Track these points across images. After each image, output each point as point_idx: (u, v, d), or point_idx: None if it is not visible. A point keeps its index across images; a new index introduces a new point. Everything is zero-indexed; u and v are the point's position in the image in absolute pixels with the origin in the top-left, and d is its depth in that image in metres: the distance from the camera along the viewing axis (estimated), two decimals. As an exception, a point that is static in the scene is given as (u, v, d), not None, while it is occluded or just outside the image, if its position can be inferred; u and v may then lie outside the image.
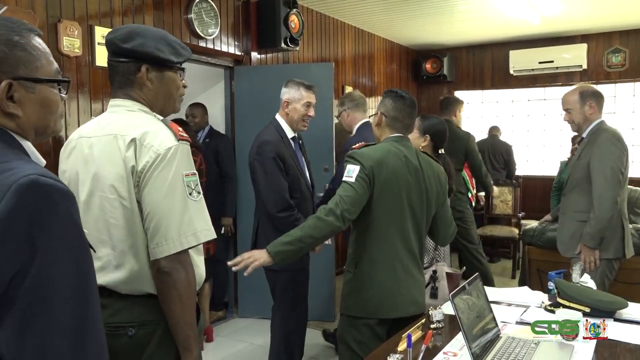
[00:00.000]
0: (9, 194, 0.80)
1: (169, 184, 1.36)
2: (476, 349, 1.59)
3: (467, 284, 1.75)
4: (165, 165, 1.36)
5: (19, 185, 0.81)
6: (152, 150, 1.37)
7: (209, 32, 4.08)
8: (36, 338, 0.80)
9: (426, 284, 2.34)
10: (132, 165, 1.37)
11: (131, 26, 1.53)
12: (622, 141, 2.82)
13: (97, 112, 3.28)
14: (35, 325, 0.80)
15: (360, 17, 5.58)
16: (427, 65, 7.09)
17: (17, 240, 0.80)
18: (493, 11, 5.35)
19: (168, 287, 1.37)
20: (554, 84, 6.75)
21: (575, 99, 2.98)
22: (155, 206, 1.35)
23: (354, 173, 2.03)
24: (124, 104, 1.49)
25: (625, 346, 1.74)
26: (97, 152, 1.43)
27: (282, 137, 2.88)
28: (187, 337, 1.41)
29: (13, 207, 0.80)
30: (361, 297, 2.10)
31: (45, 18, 3.00)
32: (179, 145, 1.40)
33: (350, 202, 2.01)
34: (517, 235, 5.69)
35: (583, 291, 2.06)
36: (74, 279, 0.85)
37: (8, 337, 0.79)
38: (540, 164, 6.96)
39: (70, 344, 0.83)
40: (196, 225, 1.38)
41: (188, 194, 1.38)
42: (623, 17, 5.73)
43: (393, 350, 1.67)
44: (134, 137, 1.38)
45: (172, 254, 1.35)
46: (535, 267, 3.29)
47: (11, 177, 0.81)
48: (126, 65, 1.47)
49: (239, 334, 4.10)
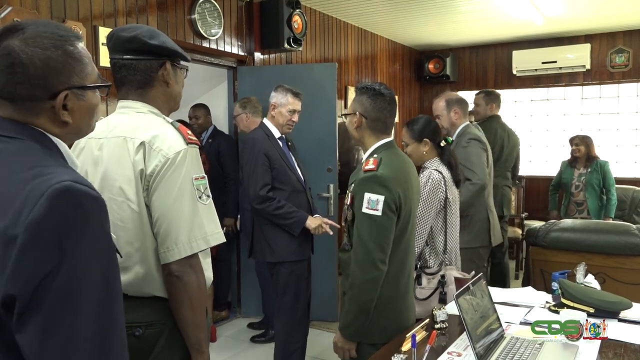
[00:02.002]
0: (42, 199, 0.82)
1: (179, 187, 1.36)
2: (480, 349, 1.59)
3: (471, 284, 1.75)
4: (175, 169, 1.36)
5: (53, 190, 0.83)
6: (162, 154, 1.36)
7: (212, 32, 4.08)
8: (59, 341, 0.82)
9: (434, 289, 2.32)
10: (140, 169, 1.36)
11: (143, 25, 1.53)
12: (482, 141, 3.27)
13: (102, 112, 3.29)
14: (59, 329, 0.82)
15: (363, 17, 5.58)
16: (430, 65, 7.09)
17: (47, 245, 0.81)
18: (496, 11, 5.34)
19: (179, 290, 1.37)
20: (557, 85, 6.74)
21: (442, 106, 3.30)
22: (165, 210, 1.35)
23: (379, 205, 1.82)
24: (134, 106, 1.49)
25: (629, 347, 1.74)
26: (106, 153, 1.43)
27: (267, 136, 3.06)
28: (198, 339, 1.42)
29: (46, 212, 0.81)
30: (381, 323, 1.92)
31: (49, 18, 3.01)
32: (188, 149, 1.39)
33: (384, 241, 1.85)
34: (521, 235, 5.68)
35: (587, 291, 2.06)
36: (100, 286, 0.86)
37: (31, 339, 0.81)
38: (543, 164, 6.95)
39: (94, 347, 0.85)
40: (206, 228, 1.38)
41: (198, 197, 1.38)
42: (627, 17, 5.72)
43: (397, 350, 1.67)
44: (143, 141, 1.38)
45: (183, 257, 1.35)
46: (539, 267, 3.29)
47: (46, 182, 0.84)
48: (150, 62, 1.46)
49: (242, 334, 4.10)
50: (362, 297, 1.85)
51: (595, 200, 4.96)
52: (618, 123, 6.51)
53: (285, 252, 2.95)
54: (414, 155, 2.50)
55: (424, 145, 2.49)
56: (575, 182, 5.08)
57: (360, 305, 1.86)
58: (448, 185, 2.46)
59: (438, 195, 2.41)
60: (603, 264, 3.02)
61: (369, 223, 1.83)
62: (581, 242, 3.13)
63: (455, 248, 2.50)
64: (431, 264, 2.40)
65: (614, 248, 3.04)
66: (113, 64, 1.49)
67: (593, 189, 4.95)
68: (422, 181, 2.41)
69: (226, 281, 4.42)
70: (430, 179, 2.42)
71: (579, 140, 5.12)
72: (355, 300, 1.86)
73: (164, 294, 1.42)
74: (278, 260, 2.96)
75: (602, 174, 4.94)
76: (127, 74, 1.47)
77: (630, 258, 3.00)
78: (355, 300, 1.86)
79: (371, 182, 1.85)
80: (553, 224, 3.39)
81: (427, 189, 2.40)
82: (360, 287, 1.85)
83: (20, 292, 0.80)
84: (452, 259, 2.46)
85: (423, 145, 2.49)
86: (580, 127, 6.64)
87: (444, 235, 2.44)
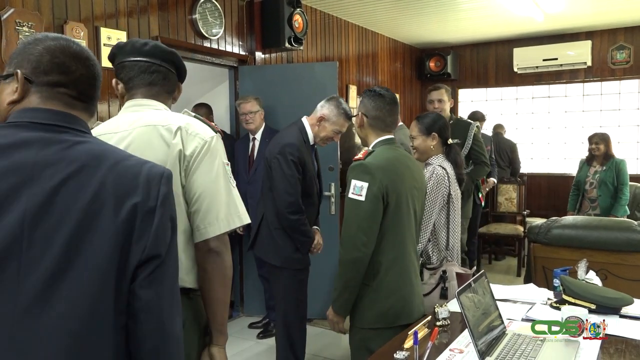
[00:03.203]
0: (164, 179, 1.03)
1: (216, 169, 1.45)
2: (482, 345, 1.60)
3: (473, 281, 1.76)
4: (212, 152, 1.46)
5: (168, 173, 1.04)
6: (199, 137, 1.45)
7: (214, 32, 4.09)
8: (174, 295, 1.04)
9: (436, 285, 2.34)
10: (179, 150, 1.42)
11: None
12: None
13: (103, 113, 3.30)
14: (174, 281, 1.04)
15: (364, 16, 5.58)
16: (431, 63, 7.08)
17: (170, 215, 1.03)
18: (497, 9, 5.34)
19: (216, 266, 1.44)
20: (559, 82, 6.74)
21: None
22: (207, 188, 1.43)
23: (363, 190, 1.97)
24: (151, 104, 1.54)
25: (631, 342, 1.75)
26: (130, 142, 1.45)
27: (304, 142, 2.94)
28: (223, 319, 1.48)
29: (169, 191, 1.03)
30: (382, 308, 2.04)
31: (51, 19, 3.02)
32: (217, 136, 1.51)
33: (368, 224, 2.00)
34: (522, 232, 5.69)
35: (589, 288, 2.07)
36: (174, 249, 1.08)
37: (159, 292, 1.00)
38: (544, 162, 6.96)
39: (176, 292, 1.06)
40: (238, 208, 1.48)
41: (230, 179, 1.49)
42: (627, 14, 5.71)
43: (399, 347, 1.68)
44: (180, 126, 1.45)
45: (222, 233, 1.43)
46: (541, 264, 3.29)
47: (158, 167, 1.05)
48: (173, 76, 1.59)
49: (245, 333, 4.12)
50: (345, 275, 2.02)
51: (607, 198, 4.91)
52: (619, 120, 6.51)
53: (292, 259, 2.95)
54: (420, 148, 2.53)
55: (431, 140, 2.51)
56: (590, 179, 5.06)
57: (344, 282, 2.03)
58: (451, 182, 2.47)
59: (441, 190, 2.42)
60: (605, 260, 3.02)
61: (353, 207, 1.99)
62: (583, 239, 3.14)
63: (457, 245, 2.51)
64: (434, 260, 2.41)
65: (615, 245, 3.04)
66: (147, 65, 1.54)
67: (606, 187, 4.92)
68: (426, 176, 2.42)
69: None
70: (434, 174, 2.43)
71: (598, 138, 5.03)
72: (340, 277, 2.04)
73: (187, 282, 1.44)
74: (284, 266, 2.97)
75: (616, 171, 4.89)
76: (156, 79, 1.56)
77: (632, 254, 3.00)
78: (341, 277, 2.03)
79: (357, 169, 2.01)
80: (554, 220, 3.39)
81: (431, 184, 2.41)
82: (344, 266, 2.01)
83: (160, 252, 0.99)
84: (454, 255, 2.46)
85: (431, 139, 2.51)
86: (581, 124, 6.65)
87: (447, 231, 2.45)
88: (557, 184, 6.70)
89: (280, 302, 3.01)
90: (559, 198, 6.47)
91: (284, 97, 4.26)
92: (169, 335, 1.02)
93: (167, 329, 1.01)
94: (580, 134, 6.54)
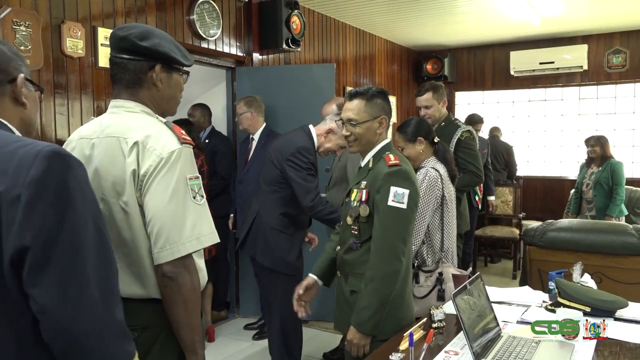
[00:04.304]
0: (37, 159, 0.92)
1: (173, 188, 1.34)
2: (477, 348, 1.60)
3: (469, 283, 1.76)
4: (169, 169, 1.34)
5: (46, 151, 0.93)
6: (155, 154, 1.34)
7: (211, 33, 4.09)
8: (75, 289, 0.93)
9: (432, 287, 2.34)
10: (133, 169, 1.34)
11: (142, 25, 1.50)
12: None
13: (100, 113, 3.30)
14: (74, 278, 0.93)
15: (362, 18, 5.59)
16: (428, 66, 7.10)
17: (49, 199, 0.91)
18: (494, 12, 5.36)
19: (172, 291, 1.35)
20: (555, 85, 6.76)
21: (331, 109, 3.40)
22: (159, 211, 1.33)
23: (405, 198, 1.87)
24: (126, 105, 1.47)
25: (625, 345, 1.75)
26: (98, 153, 1.41)
27: (313, 147, 3.00)
28: (192, 341, 1.40)
29: (44, 170, 0.91)
30: (396, 317, 1.94)
31: (48, 19, 3.02)
32: (182, 149, 1.38)
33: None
34: (518, 235, 5.70)
35: (583, 291, 2.07)
36: (96, 236, 0.98)
37: (50, 290, 0.91)
38: (540, 165, 6.98)
39: (102, 292, 0.96)
40: (200, 229, 1.36)
41: (192, 197, 1.36)
42: (624, 18, 5.74)
43: (395, 349, 1.68)
44: (137, 141, 1.35)
45: (177, 258, 1.33)
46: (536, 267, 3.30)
47: (36, 147, 0.94)
48: (139, 64, 1.44)
49: (240, 334, 4.11)
50: (384, 290, 1.85)
51: (603, 199, 4.94)
52: (615, 123, 6.54)
53: (283, 262, 2.94)
54: (411, 156, 2.52)
55: (419, 145, 2.52)
56: (587, 181, 5.09)
57: (382, 298, 1.85)
58: (445, 182, 2.47)
59: (435, 192, 2.43)
60: (600, 263, 3.03)
61: (395, 216, 1.86)
62: (578, 242, 3.15)
63: (452, 247, 2.51)
64: (429, 262, 2.41)
65: (610, 248, 3.06)
66: (109, 61, 1.49)
67: (601, 187, 4.94)
68: (419, 179, 2.43)
69: (225, 281, 4.43)
70: (427, 177, 2.44)
71: (594, 141, 5.07)
72: (377, 294, 1.84)
73: (159, 295, 1.40)
74: (274, 268, 2.96)
75: (611, 172, 4.90)
76: (117, 71, 1.46)
77: (626, 258, 3.01)
78: (377, 293, 1.84)
79: (396, 176, 1.89)
80: (550, 223, 3.40)
81: (424, 186, 2.41)
82: (383, 280, 1.85)
83: (33, 244, 0.89)
84: (449, 257, 2.47)
85: (418, 144, 2.52)
86: (577, 128, 6.67)
87: (441, 233, 2.45)
88: (553, 187, 6.73)
89: (277, 307, 2.99)
90: (554, 201, 6.50)
91: (281, 98, 4.26)
92: (80, 334, 0.93)
93: (74, 329, 0.92)
94: (576, 138, 6.58)
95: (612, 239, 3.08)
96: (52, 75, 3.03)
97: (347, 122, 2.02)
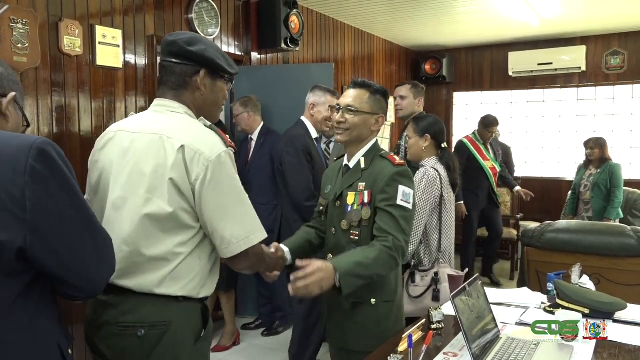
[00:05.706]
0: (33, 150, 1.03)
1: (227, 188, 1.43)
2: (476, 349, 1.60)
3: (468, 284, 1.75)
4: (221, 171, 1.41)
5: (39, 142, 1.04)
6: (204, 158, 1.40)
7: (210, 32, 4.08)
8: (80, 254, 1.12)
9: (427, 287, 2.33)
10: (181, 172, 1.39)
11: (191, 33, 1.61)
12: None
13: (97, 111, 3.29)
14: (62, 238, 1.08)
15: (360, 18, 5.59)
16: (427, 66, 7.10)
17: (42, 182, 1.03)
18: (493, 12, 5.36)
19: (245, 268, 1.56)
20: (553, 86, 6.76)
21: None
22: (217, 212, 1.42)
23: (410, 198, 1.87)
24: (170, 105, 1.52)
25: (624, 347, 1.75)
26: (139, 146, 1.45)
27: (306, 134, 3.14)
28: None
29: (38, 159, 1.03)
30: (401, 326, 1.97)
31: (46, 17, 3.00)
32: (228, 151, 1.46)
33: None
34: (516, 236, 5.70)
35: (582, 292, 2.07)
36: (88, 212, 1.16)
37: (46, 250, 1.05)
38: (539, 165, 6.98)
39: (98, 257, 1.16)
40: (258, 221, 1.50)
41: (239, 197, 1.47)
42: (622, 20, 5.75)
43: (393, 350, 1.68)
44: (183, 144, 1.40)
45: (243, 250, 1.46)
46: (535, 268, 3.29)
47: (29, 139, 1.05)
48: (185, 67, 1.51)
49: (237, 334, 4.10)
50: (383, 269, 1.79)
51: (600, 201, 4.94)
52: (613, 125, 6.54)
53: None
54: (413, 148, 2.53)
55: (424, 141, 2.52)
56: (585, 182, 5.09)
57: (376, 274, 1.77)
58: (444, 184, 2.47)
59: (433, 192, 2.42)
60: (598, 265, 3.03)
61: (403, 214, 1.85)
62: (576, 243, 3.14)
63: (450, 249, 2.50)
64: (425, 263, 2.40)
65: (609, 249, 3.05)
66: (159, 66, 1.59)
67: (599, 190, 4.94)
68: (418, 177, 2.42)
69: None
70: (426, 176, 2.43)
71: (593, 143, 5.06)
72: (378, 265, 1.76)
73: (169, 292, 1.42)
74: None
75: (610, 174, 4.90)
76: (164, 74, 1.54)
77: (625, 259, 3.01)
78: (379, 266, 1.76)
79: (404, 176, 1.89)
80: (548, 224, 3.40)
81: (423, 185, 2.40)
82: (386, 262, 1.77)
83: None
84: (447, 259, 2.46)
85: (423, 140, 2.52)
86: (575, 129, 6.68)
87: (439, 233, 2.44)
88: (551, 188, 6.73)
89: (300, 306, 3.05)
90: (552, 202, 6.49)
91: (279, 97, 4.25)
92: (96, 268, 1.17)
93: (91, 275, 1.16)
94: (574, 139, 6.58)
95: (611, 240, 3.08)
96: (50, 74, 3.01)
97: (345, 108, 1.92)
